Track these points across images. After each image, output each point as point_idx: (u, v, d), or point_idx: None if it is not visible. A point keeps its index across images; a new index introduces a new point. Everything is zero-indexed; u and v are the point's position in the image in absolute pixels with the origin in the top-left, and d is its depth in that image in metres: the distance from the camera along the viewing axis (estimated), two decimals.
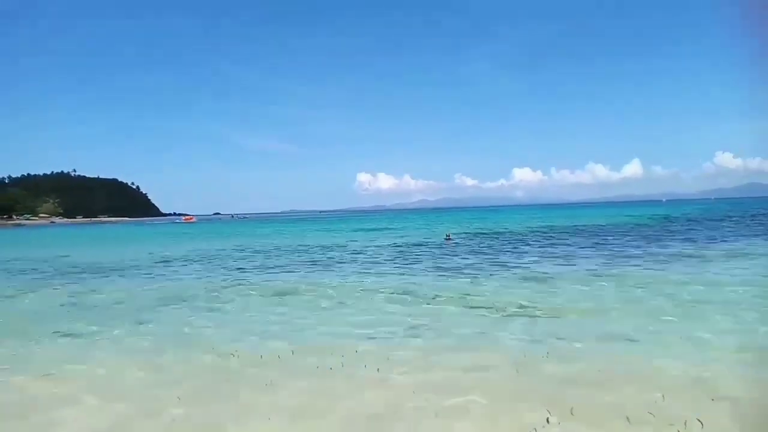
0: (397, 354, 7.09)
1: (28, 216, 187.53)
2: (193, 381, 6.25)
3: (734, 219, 42.82)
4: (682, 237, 26.45)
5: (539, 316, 9.20)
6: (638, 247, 21.89)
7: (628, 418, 4.67)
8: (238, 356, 7.25)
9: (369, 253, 24.26)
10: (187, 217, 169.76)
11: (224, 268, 19.88)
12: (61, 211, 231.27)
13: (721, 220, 42.49)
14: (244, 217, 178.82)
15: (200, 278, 16.88)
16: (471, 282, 13.67)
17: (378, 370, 6.39)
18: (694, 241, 23.49)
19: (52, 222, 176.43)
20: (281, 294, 12.81)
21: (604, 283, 12.58)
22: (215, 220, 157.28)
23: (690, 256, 17.70)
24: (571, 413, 4.83)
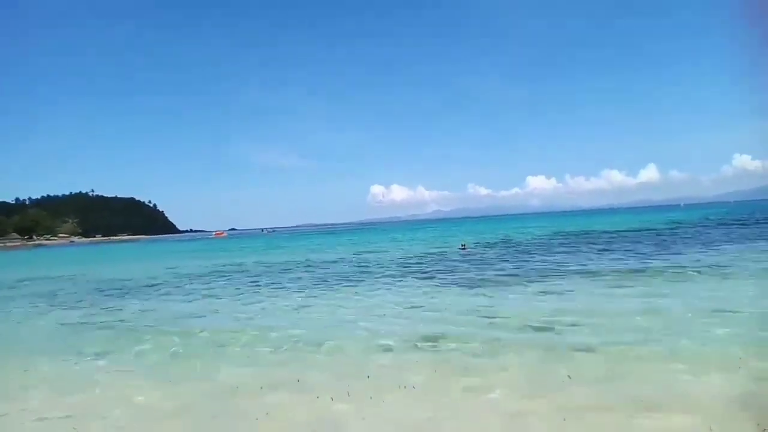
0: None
1: (48, 236, 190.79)
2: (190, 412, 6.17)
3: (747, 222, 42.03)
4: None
5: (556, 331, 9.09)
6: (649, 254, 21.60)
7: None
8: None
9: (384, 265, 24.21)
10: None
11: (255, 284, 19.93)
12: (80, 230, 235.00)
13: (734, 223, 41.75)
14: (273, 231, 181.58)
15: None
16: (483, 296, 13.56)
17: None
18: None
19: (72, 242, 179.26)
20: (303, 307, 12.86)
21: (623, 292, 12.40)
22: (245, 235, 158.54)
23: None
24: None
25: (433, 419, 5.24)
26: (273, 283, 19.46)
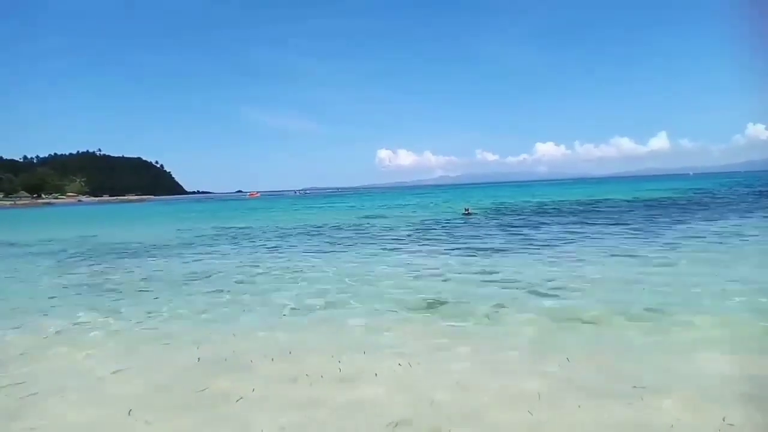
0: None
1: (57, 195, 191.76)
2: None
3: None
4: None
5: (556, 297, 8.97)
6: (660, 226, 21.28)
7: None
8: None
9: (387, 230, 24.13)
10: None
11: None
12: (88, 190, 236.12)
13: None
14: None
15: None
16: (486, 262, 13.43)
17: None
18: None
19: (80, 201, 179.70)
20: (298, 271, 12.83)
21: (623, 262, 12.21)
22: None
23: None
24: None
25: (429, 398, 4.97)
26: (282, 246, 19.42)
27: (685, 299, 8.39)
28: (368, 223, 29.11)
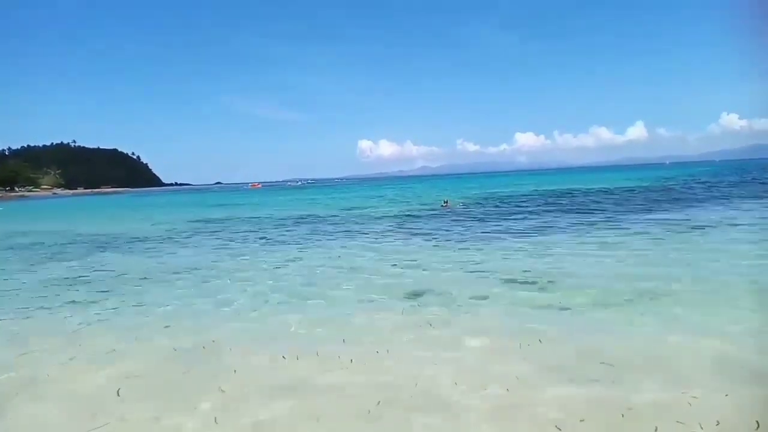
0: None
1: (31, 188, 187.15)
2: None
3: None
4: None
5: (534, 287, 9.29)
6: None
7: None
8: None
9: (366, 223, 24.32)
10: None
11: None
12: (63, 182, 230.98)
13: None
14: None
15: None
16: (464, 253, 13.72)
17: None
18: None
19: (55, 194, 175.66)
20: (288, 262, 12.96)
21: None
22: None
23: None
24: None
25: (406, 382, 5.17)
26: (264, 239, 19.50)
27: (655, 285, 8.71)
28: (348, 215, 29.25)
